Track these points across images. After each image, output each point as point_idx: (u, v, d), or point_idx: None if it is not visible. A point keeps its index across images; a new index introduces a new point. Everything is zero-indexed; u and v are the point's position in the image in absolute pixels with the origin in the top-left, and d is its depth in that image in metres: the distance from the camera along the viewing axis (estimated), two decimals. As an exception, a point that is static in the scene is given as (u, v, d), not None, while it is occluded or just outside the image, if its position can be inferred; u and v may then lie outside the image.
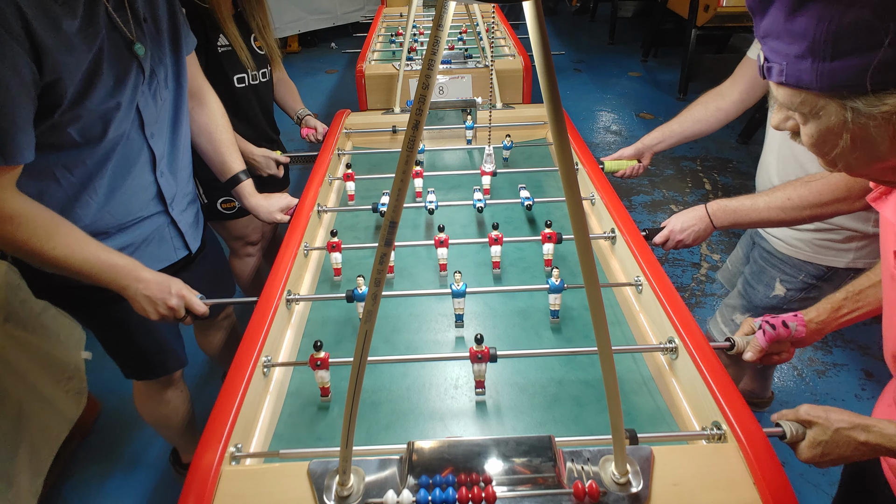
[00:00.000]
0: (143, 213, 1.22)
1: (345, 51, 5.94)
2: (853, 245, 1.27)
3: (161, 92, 1.17)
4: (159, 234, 1.28)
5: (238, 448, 0.83)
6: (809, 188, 1.12)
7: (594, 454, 0.78)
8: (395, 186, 0.55)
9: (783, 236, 1.35)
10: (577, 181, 0.56)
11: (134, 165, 1.16)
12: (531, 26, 0.49)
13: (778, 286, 1.39)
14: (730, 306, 1.54)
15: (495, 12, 2.91)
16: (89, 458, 1.88)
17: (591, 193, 1.53)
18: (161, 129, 1.21)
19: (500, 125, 1.95)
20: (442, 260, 1.28)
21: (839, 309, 0.94)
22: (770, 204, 1.17)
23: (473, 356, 0.94)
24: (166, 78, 1.18)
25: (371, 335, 0.63)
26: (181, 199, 1.33)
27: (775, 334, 0.94)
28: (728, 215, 1.24)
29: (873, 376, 2.14)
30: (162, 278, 1.12)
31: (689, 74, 4.53)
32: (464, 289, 1.11)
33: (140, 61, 1.08)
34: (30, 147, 0.93)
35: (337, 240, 1.28)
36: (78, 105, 0.98)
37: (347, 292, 1.12)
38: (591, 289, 0.61)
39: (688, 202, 3.29)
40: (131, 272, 1.08)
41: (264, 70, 1.76)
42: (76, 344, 1.78)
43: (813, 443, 0.79)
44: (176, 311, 1.13)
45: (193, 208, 1.40)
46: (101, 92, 1.01)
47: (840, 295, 0.95)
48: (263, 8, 1.71)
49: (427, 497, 0.71)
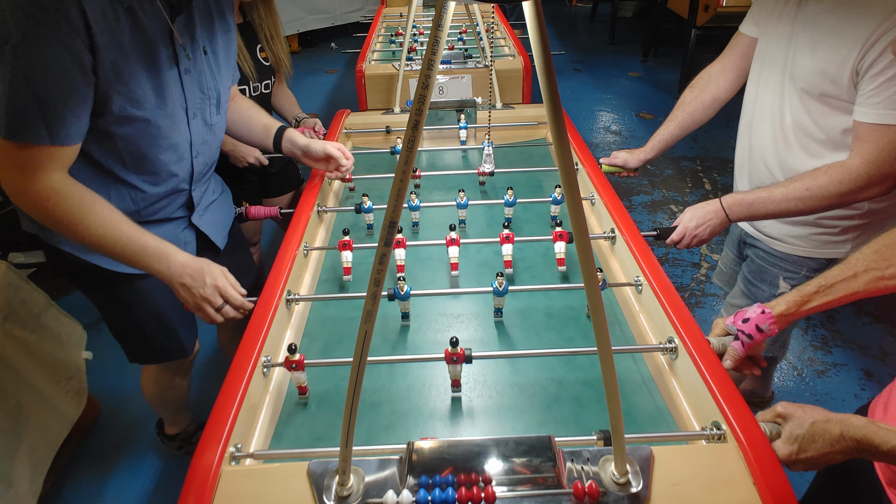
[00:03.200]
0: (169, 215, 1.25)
1: (345, 51, 5.95)
2: (850, 236, 1.27)
3: (212, 116, 1.23)
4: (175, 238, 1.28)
5: (238, 448, 0.82)
6: (829, 177, 1.12)
7: (594, 454, 0.78)
8: (395, 186, 0.55)
9: (779, 235, 1.35)
10: (576, 181, 0.56)
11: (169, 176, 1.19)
12: (531, 26, 0.49)
13: (782, 284, 1.38)
14: (734, 306, 1.53)
15: (495, 12, 2.91)
16: (89, 458, 1.88)
17: (591, 193, 1.53)
18: (204, 150, 1.25)
19: (500, 125, 1.95)
20: (454, 259, 1.28)
21: (808, 302, 0.92)
22: (788, 195, 1.16)
23: (448, 358, 0.95)
24: (219, 103, 1.24)
25: (371, 335, 0.63)
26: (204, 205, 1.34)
27: (753, 343, 0.93)
28: (744, 208, 1.24)
29: (873, 376, 2.14)
30: (198, 264, 1.09)
31: (688, 74, 4.51)
32: (506, 288, 1.12)
33: (183, 81, 1.12)
34: (81, 134, 0.98)
35: (349, 238, 1.28)
36: (119, 111, 1.02)
37: (389, 290, 1.12)
38: (591, 289, 0.61)
39: (688, 202, 3.29)
40: (164, 255, 1.07)
41: (267, 82, 1.74)
42: (76, 344, 1.78)
43: (790, 437, 0.78)
44: (211, 300, 1.09)
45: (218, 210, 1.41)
46: (148, 103, 1.05)
47: (811, 288, 0.93)
48: (274, 18, 1.68)
49: (427, 497, 0.71)
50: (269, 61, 1.73)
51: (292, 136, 1.42)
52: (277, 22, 1.71)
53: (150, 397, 1.63)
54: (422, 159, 1.88)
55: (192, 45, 1.12)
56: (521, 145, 1.96)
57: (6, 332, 1.54)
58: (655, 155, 1.58)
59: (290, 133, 1.42)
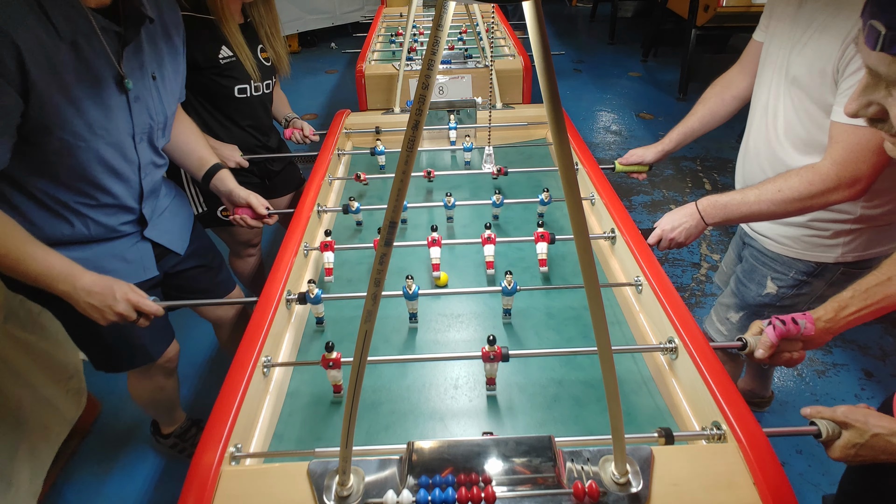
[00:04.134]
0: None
1: (345, 51, 5.95)
2: (840, 240, 1.27)
3: (159, 139, 1.26)
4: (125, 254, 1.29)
5: (238, 448, 0.83)
6: (800, 178, 1.11)
7: (594, 454, 0.78)
8: (395, 186, 0.55)
9: (772, 234, 1.35)
10: (576, 181, 0.56)
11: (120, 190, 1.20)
12: (531, 26, 0.49)
13: (769, 284, 1.38)
14: (724, 305, 1.54)
15: (495, 12, 2.91)
16: (89, 458, 1.88)
17: (591, 193, 1.53)
18: (151, 170, 1.27)
19: (500, 125, 1.95)
20: (435, 260, 1.28)
21: (846, 307, 0.94)
22: (760, 197, 1.16)
23: (486, 356, 0.95)
24: (164, 127, 1.27)
25: (371, 335, 0.63)
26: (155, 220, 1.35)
27: (785, 330, 0.93)
28: (719, 210, 1.23)
29: (873, 376, 2.14)
30: (105, 282, 1.10)
31: (688, 74, 4.53)
32: (515, 287, 1.12)
33: (132, 108, 1.13)
34: (3, 160, 0.98)
35: (330, 239, 1.28)
36: (58, 135, 1.02)
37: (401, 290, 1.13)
38: (591, 289, 0.61)
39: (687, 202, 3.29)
40: (69, 277, 1.06)
41: (269, 81, 1.74)
42: (73, 345, 1.78)
43: (847, 444, 0.80)
44: (125, 315, 1.12)
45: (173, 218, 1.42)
46: (90, 132, 1.06)
47: (847, 294, 0.94)
48: (273, 16, 1.69)
49: (427, 497, 0.71)
50: (271, 61, 1.73)
51: (223, 178, 1.44)
52: (277, 20, 1.71)
53: (139, 401, 1.63)
54: (431, 160, 1.88)
55: (140, 72, 1.14)
56: (521, 145, 1.96)
57: (6, 332, 1.54)
58: (675, 147, 1.57)
59: (221, 174, 1.44)
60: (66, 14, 0.97)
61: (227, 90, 1.63)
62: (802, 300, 1.38)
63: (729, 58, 1.58)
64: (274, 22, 1.70)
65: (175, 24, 1.27)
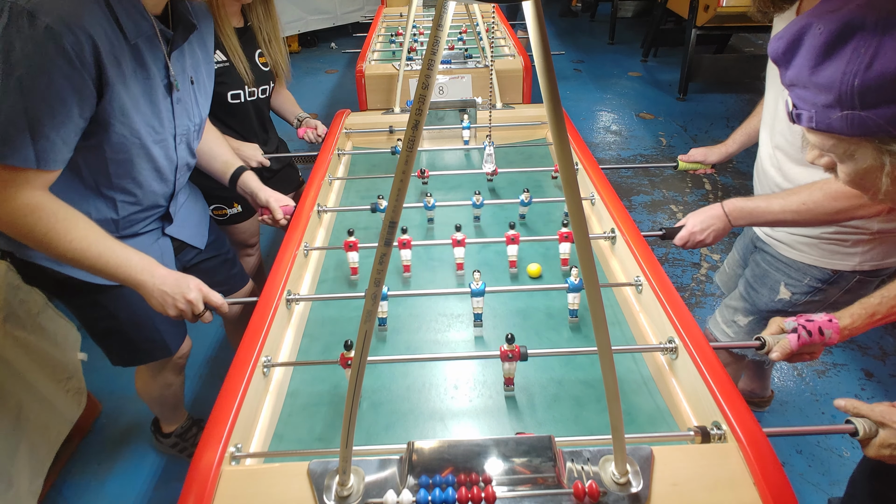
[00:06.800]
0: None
1: (345, 51, 5.95)
2: (859, 249, 1.25)
3: (195, 141, 1.32)
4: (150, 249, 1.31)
5: (238, 448, 0.83)
6: (825, 193, 1.10)
7: (594, 454, 0.78)
8: (395, 186, 0.55)
9: (788, 241, 1.34)
10: (576, 181, 0.56)
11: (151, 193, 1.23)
12: (531, 26, 0.49)
13: (783, 290, 1.37)
14: (731, 308, 1.52)
15: (495, 12, 2.91)
16: (89, 458, 1.88)
17: (591, 193, 1.53)
18: (185, 172, 1.33)
19: (500, 125, 1.95)
20: (459, 259, 1.30)
21: (873, 315, 0.94)
22: (785, 207, 1.15)
23: (504, 355, 0.95)
24: (199, 130, 1.32)
25: (371, 335, 0.63)
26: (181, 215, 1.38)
27: (809, 341, 0.94)
28: (745, 216, 1.24)
29: (873, 376, 2.14)
30: (179, 275, 1.15)
31: (689, 74, 4.52)
32: (482, 288, 1.12)
33: (175, 110, 1.19)
34: (66, 160, 1.02)
35: (354, 239, 1.29)
36: (117, 131, 1.07)
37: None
38: (591, 289, 0.61)
39: (687, 202, 3.29)
40: (147, 268, 1.11)
41: (265, 87, 1.73)
42: (73, 345, 1.78)
43: (883, 444, 0.80)
44: (194, 305, 1.15)
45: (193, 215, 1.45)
46: (144, 130, 1.11)
47: (874, 300, 0.94)
48: (273, 21, 1.68)
49: (427, 497, 0.71)
50: (269, 66, 1.73)
51: (247, 180, 1.49)
52: (277, 25, 1.71)
53: (145, 397, 1.65)
54: (431, 160, 1.88)
55: (182, 77, 1.19)
56: (521, 145, 1.96)
57: (6, 332, 1.54)
58: (738, 149, 1.57)
59: (245, 177, 1.49)
60: (132, 17, 1.02)
61: (220, 96, 1.61)
62: (815, 306, 1.36)
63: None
64: (274, 27, 1.69)
65: (209, 32, 1.32)
